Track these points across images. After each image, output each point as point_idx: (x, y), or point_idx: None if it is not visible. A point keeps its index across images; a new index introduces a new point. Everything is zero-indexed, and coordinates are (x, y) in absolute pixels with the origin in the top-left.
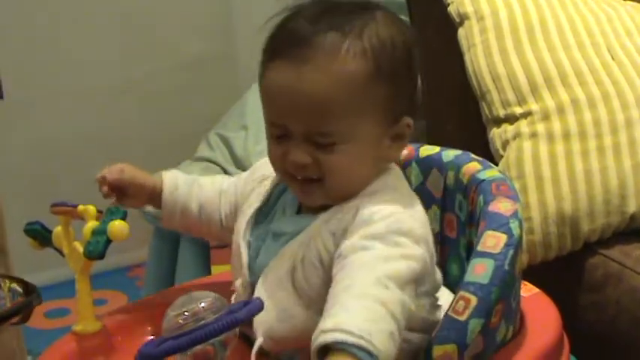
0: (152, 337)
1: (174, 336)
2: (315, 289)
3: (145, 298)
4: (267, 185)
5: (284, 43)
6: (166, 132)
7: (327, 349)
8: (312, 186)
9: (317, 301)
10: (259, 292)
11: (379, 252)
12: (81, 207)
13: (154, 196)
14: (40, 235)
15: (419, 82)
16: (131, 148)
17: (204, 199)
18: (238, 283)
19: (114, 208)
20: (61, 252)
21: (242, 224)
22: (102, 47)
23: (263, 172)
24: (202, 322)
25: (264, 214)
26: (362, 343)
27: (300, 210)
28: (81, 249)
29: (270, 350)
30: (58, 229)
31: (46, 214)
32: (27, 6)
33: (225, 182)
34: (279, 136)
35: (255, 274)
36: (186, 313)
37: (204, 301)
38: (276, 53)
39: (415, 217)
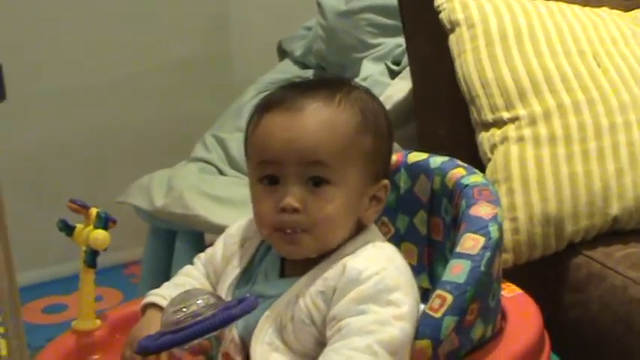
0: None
1: (172, 330)
2: (308, 345)
3: (142, 296)
4: (249, 248)
5: (276, 101)
6: (162, 132)
7: None
8: (299, 236)
9: (312, 356)
10: (254, 356)
11: (374, 316)
12: (92, 210)
13: None
14: (66, 230)
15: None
16: (127, 148)
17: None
18: (230, 345)
19: (102, 212)
20: None
21: (224, 287)
22: (96, 47)
23: (244, 234)
24: (199, 317)
25: (245, 277)
26: None
27: (282, 274)
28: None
29: None
30: (79, 227)
31: (45, 211)
32: (17, 5)
33: (199, 265)
34: (270, 178)
35: (242, 336)
36: (184, 309)
37: (201, 298)
38: (268, 108)
39: (400, 269)
